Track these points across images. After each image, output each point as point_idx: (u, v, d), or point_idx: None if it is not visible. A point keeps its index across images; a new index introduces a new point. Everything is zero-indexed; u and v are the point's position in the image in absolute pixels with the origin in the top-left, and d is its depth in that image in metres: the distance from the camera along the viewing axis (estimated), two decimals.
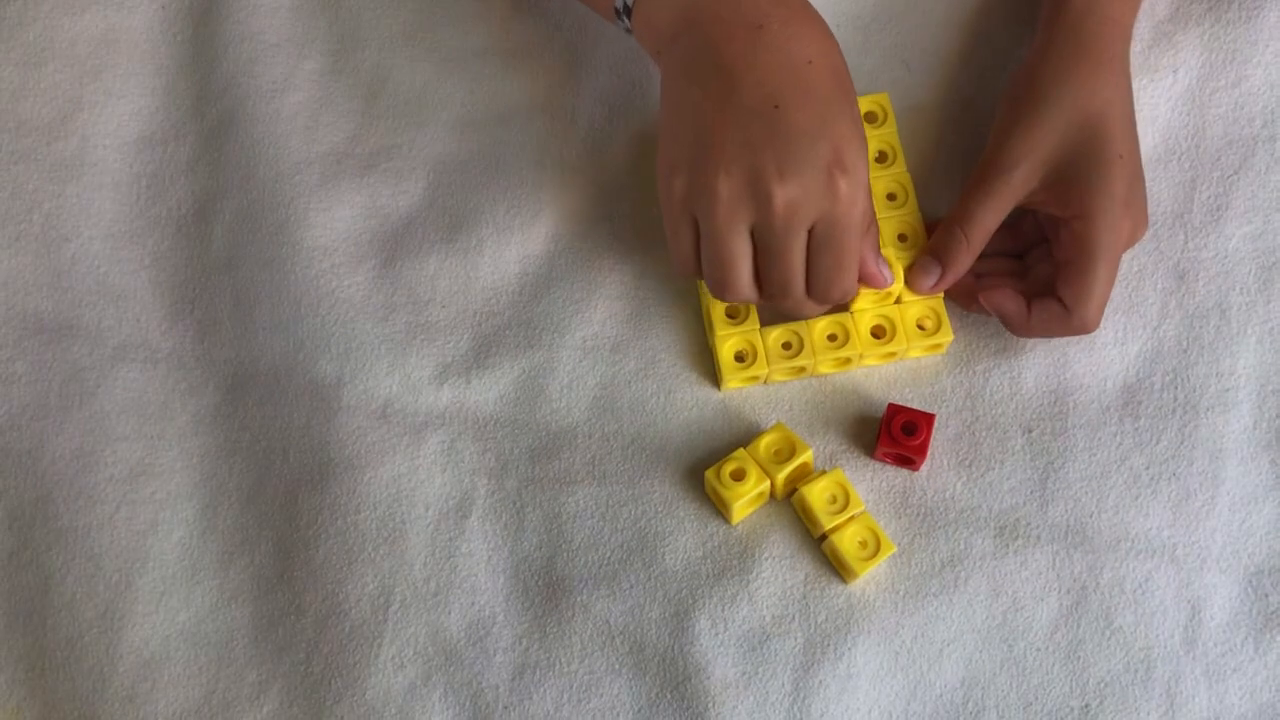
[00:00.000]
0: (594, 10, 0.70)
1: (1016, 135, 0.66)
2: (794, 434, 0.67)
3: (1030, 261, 0.70)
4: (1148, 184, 0.72)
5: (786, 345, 0.69)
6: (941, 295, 0.69)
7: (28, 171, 0.74)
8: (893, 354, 0.69)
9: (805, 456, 0.66)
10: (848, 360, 0.69)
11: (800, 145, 0.60)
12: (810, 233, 0.62)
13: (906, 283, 0.69)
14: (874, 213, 0.66)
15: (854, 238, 0.62)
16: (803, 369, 0.69)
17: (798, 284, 0.63)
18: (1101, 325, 0.70)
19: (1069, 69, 0.67)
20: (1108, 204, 0.65)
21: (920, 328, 0.69)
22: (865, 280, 0.67)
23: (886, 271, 0.67)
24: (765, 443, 0.67)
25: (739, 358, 0.69)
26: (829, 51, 0.63)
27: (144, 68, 0.77)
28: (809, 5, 0.64)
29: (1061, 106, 0.66)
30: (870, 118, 0.73)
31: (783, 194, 0.60)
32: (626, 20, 0.67)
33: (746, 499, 0.66)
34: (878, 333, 0.69)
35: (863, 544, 0.66)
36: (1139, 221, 0.67)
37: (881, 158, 0.72)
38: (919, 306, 0.69)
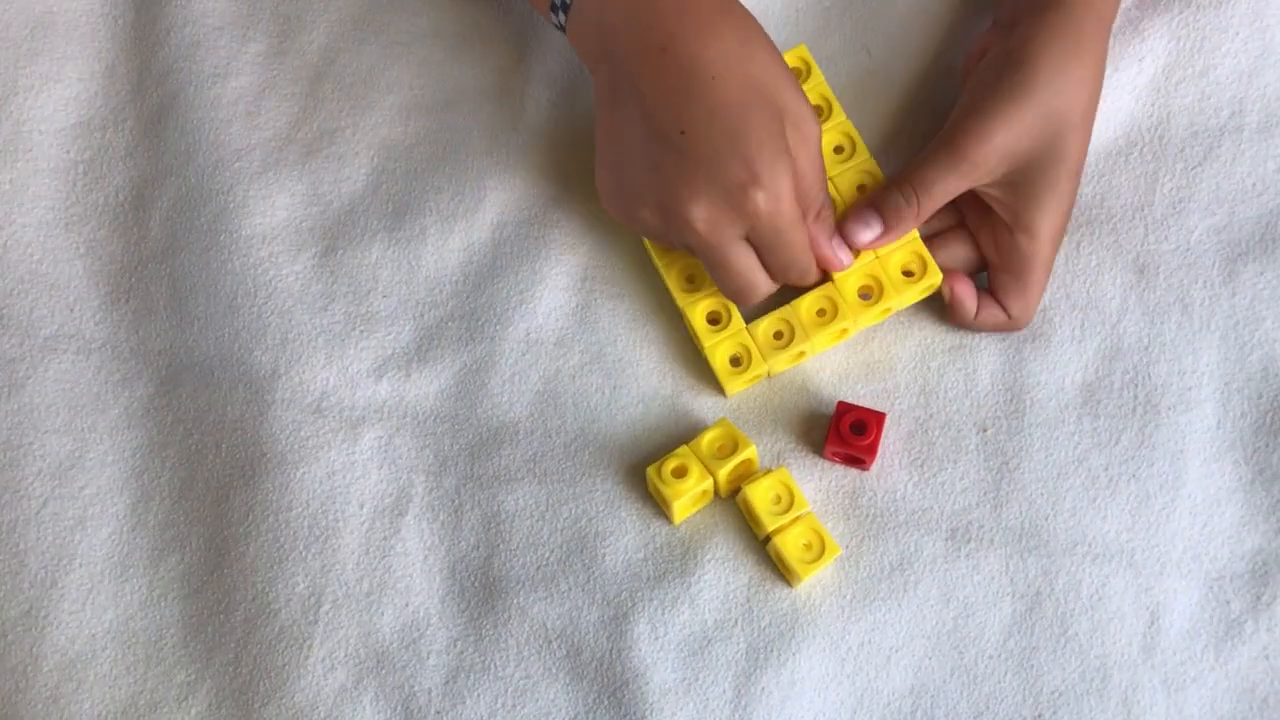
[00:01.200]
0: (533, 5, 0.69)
1: (998, 121, 0.63)
2: (738, 430, 0.65)
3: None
4: (1107, 177, 0.71)
5: (778, 335, 0.66)
6: (917, 235, 0.67)
7: None
8: (887, 309, 0.67)
9: (748, 453, 0.64)
10: (844, 330, 0.67)
11: (709, 168, 0.60)
12: (754, 243, 0.62)
13: (842, 232, 0.66)
14: (824, 196, 0.64)
15: (790, 235, 0.62)
16: (802, 353, 0.67)
17: (757, 282, 0.64)
18: (1059, 321, 0.68)
19: (1065, 63, 0.64)
20: (1054, 221, 0.65)
21: (907, 274, 0.67)
22: (821, 264, 0.65)
23: (843, 254, 0.66)
24: (708, 439, 0.65)
25: (734, 362, 0.66)
26: (740, 60, 0.61)
27: (83, 51, 0.75)
28: (721, 11, 0.62)
29: (1050, 101, 0.63)
30: (796, 75, 0.70)
31: (700, 217, 0.61)
32: (561, 19, 0.66)
33: (688, 497, 0.64)
34: (865, 293, 0.67)
35: (807, 546, 0.64)
36: (1066, 227, 0.67)
37: (816, 112, 0.69)
38: (900, 253, 0.67)
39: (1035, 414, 0.67)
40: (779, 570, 0.65)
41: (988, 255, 0.67)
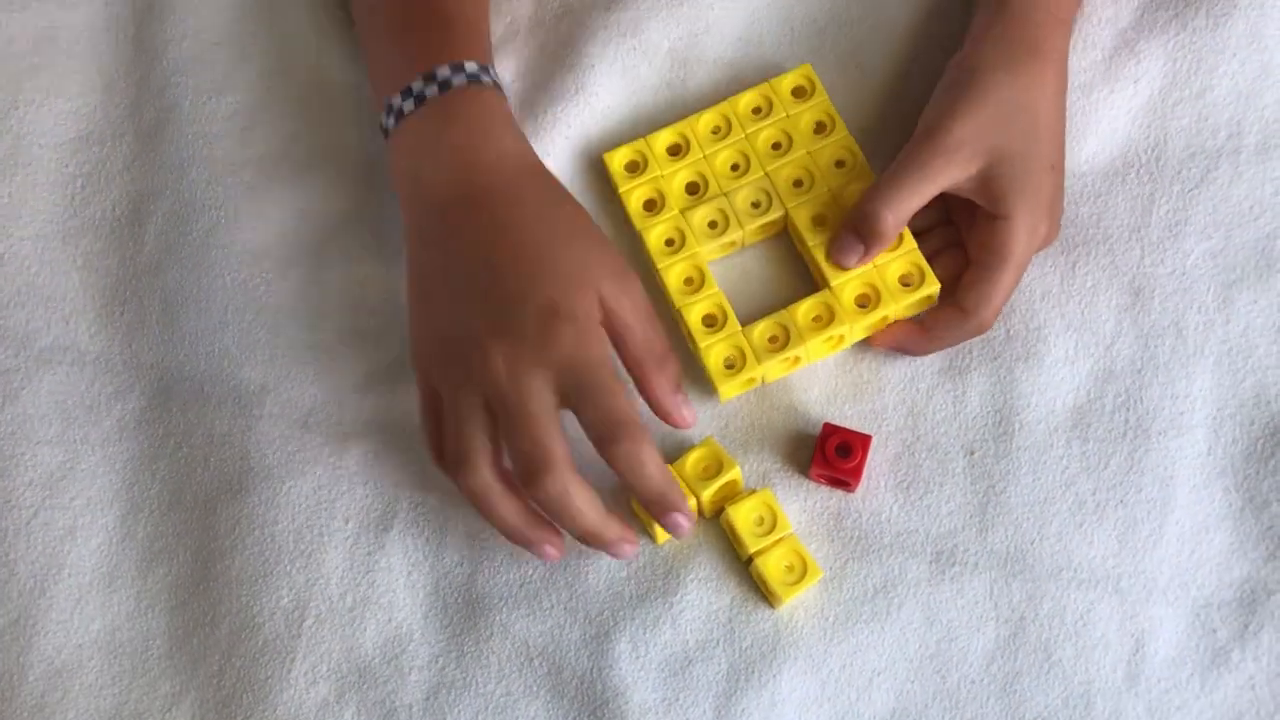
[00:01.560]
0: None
1: (960, 119, 0.64)
2: (723, 450, 0.65)
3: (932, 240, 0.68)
4: (1104, 198, 0.70)
5: (773, 339, 0.66)
6: (915, 245, 0.67)
7: None
8: (885, 317, 0.67)
9: (733, 474, 0.64)
10: (840, 338, 0.67)
11: (514, 304, 0.60)
12: (561, 393, 0.59)
13: (831, 259, 0.67)
14: (664, 346, 0.63)
15: (600, 376, 0.59)
16: (797, 359, 0.67)
17: (553, 452, 0.59)
18: (1053, 342, 0.67)
19: (1014, 60, 0.65)
20: (1033, 209, 0.64)
21: (904, 284, 0.66)
22: (661, 417, 0.63)
23: (687, 412, 0.63)
24: (693, 459, 0.65)
25: (729, 365, 0.66)
26: (550, 212, 0.63)
27: (85, 66, 0.76)
28: (531, 173, 0.64)
29: (1004, 97, 0.64)
30: (800, 92, 0.71)
31: (501, 353, 0.59)
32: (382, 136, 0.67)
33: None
34: (863, 302, 0.66)
35: (789, 568, 0.63)
36: (1054, 229, 0.66)
37: (820, 128, 0.70)
38: (898, 263, 0.66)
39: (1024, 437, 0.66)
40: (761, 591, 0.64)
41: (969, 249, 0.67)
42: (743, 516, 0.64)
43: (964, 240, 0.67)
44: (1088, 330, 0.68)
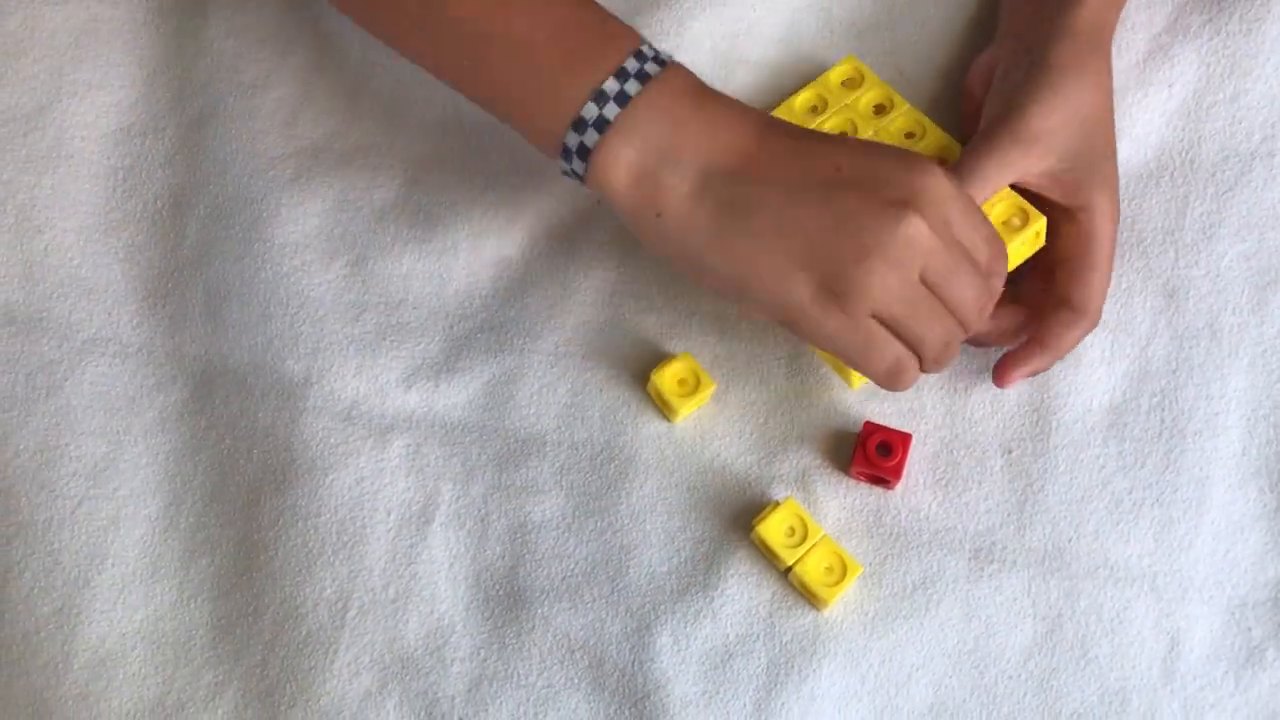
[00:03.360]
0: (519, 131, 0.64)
1: (1037, 112, 0.64)
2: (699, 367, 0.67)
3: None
4: (1138, 200, 0.71)
5: None
6: (1010, 189, 0.66)
7: (3, 162, 0.74)
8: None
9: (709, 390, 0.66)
10: None
11: (882, 177, 0.58)
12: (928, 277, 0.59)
13: None
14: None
15: (974, 213, 0.59)
16: None
17: (949, 324, 0.60)
18: (1089, 342, 0.68)
19: (1084, 64, 0.65)
20: (1108, 195, 0.65)
21: (1010, 226, 0.65)
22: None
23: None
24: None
25: None
26: (820, 134, 0.61)
27: (126, 59, 0.76)
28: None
29: (1075, 99, 0.65)
30: (850, 83, 0.71)
31: (915, 224, 0.57)
32: (573, 165, 0.61)
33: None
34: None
35: (829, 569, 0.64)
36: (1119, 220, 0.67)
37: (880, 109, 0.71)
38: (1001, 206, 0.66)
39: (1061, 436, 0.67)
40: (803, 595, 0.65)
41: (1054, 255, 0.67)
42: (773, 530, 0.64)
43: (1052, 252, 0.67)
44: (1123, 331, 0.69)
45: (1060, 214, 0.66)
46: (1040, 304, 0.67)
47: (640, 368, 0.69)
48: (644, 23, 0.73)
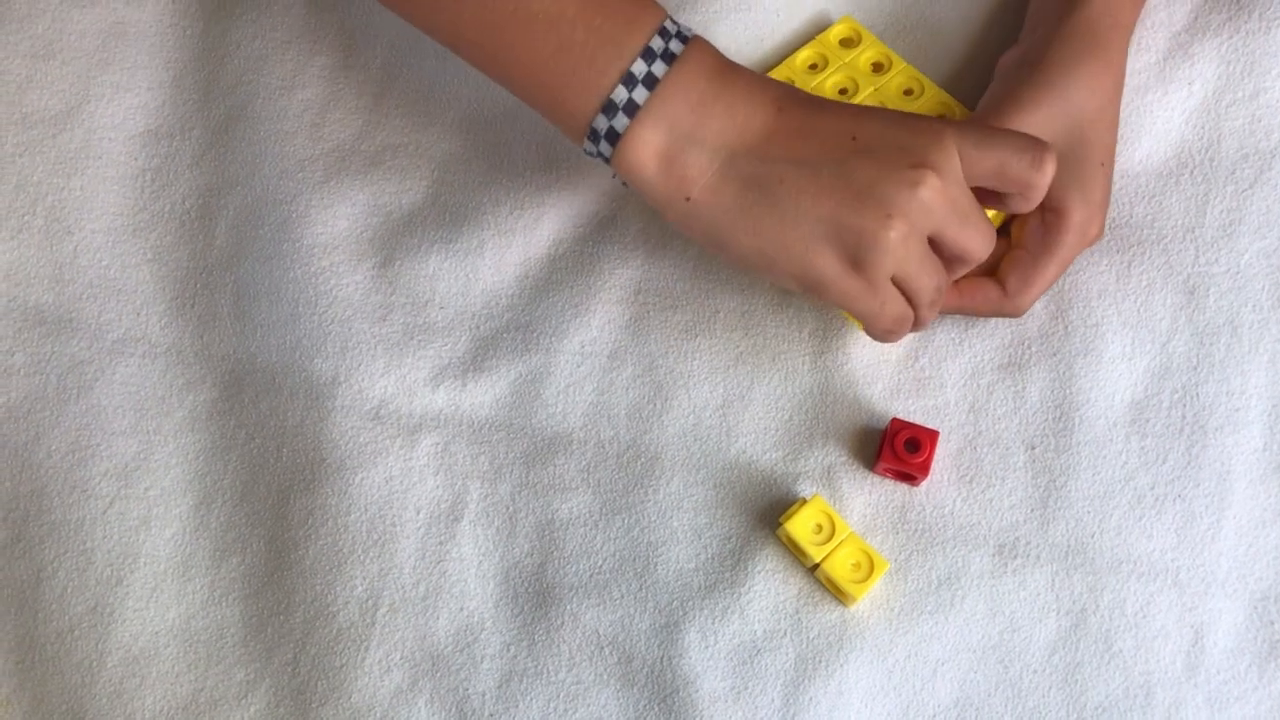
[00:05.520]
0: (544, 115, 0.64)
1: (1020, 112, 0.65)
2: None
3: None
4: (1158, 198, 0.71)
5: None
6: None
7: (33, 164, 0.75)
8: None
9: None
10: None
11: (894, 146, 0.59)
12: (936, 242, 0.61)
13: None
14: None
15: (971, 200, 0.60)
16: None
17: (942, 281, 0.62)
18: (1111, 338, 0.69)
19: (1079, 64, 0.66)
20: (1085, 205, 0.65)
21: (854, 568, 0.66)
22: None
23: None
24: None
25: None
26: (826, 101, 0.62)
27: (153, 61, 0.77)
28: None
29: (1066, 98, 0.65)
30: (848, 42, 0.73)
31: (926, 190, 0.58)
32: (599, 147, 0.61)
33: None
34: None
35: (856, 566, 0.64)
36: (1102, 228, 0.67)
37: (878, 67, 0.72)
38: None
39: (1083, 432, 0.68)
40: (831, 592, 0.66)
41: (1017, 234, 0.68)
42: (800, 527, 0.65)
43: (1013, 223, 0.69)
44: (1144, 327, 0.69)
45: (1035, 209, 0.66)
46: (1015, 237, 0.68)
47: (666, 365, 0.70)
48: None
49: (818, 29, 0.75)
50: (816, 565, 0.65)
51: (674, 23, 0.61)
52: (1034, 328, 0.69)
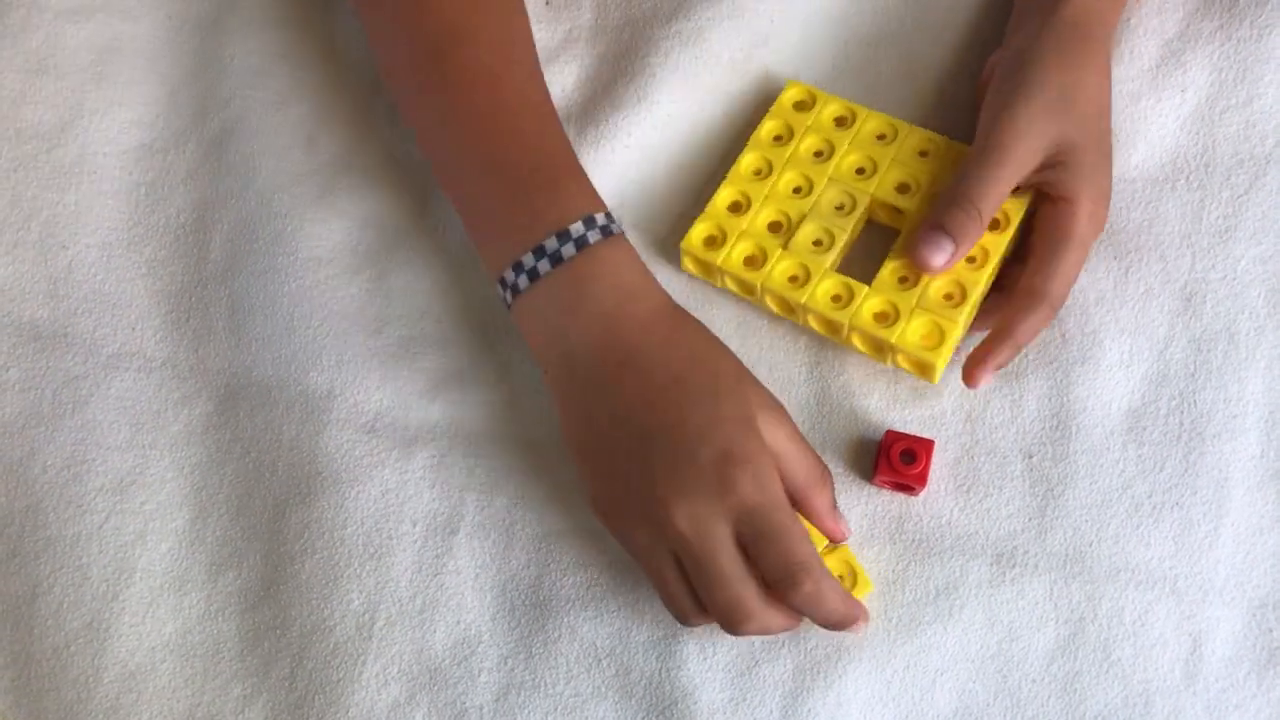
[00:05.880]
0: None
1: (1021, 106, 0.65)
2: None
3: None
4: (1154, 204, 0.71)
5: (948, 296, 0.67)
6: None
7: (27, 179, 0.75)
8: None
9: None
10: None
11: (688, 458, 0.60)
12: (739, 536, 0.60)
13: (916, 262, 0.67)
14: (821, 465, 0.64)
15: (782, 517, 0.60)
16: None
17: (749, 601, 0.60)
18: (1108, 345, 0.69)
19: (1065, 46, 0.66)
20: (1093, 191, 0.66)
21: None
22: (825, 534, 0.64)
23: (844, 526, 0.64)
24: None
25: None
26: (701, 360, 0.63)
27: (147, 77, 0.77)
28: (678, 324, 0.64)
29: (1059, 82, 0.65)
30: (802, 105, 0.73)
31: (684, 513, 0.59)
32: (506, 298, 0.66)
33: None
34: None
35: (839, 579, 0.64)
36: (1105, 219, 0.67)
37: (841, 121, 0.72)
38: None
39: (1081, 440, 0.68)
40: None
41: (1030, 240, 0.68)
42: None
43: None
44: (1141, 335, 0.69)
45: (1045, 203, 0.67)
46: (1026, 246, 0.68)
47: None
48: (662, 33, 0.74)
49: (807, 40, 0.75)
50: None
51: (606, 216, 0.64)
52: None
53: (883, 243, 0.70)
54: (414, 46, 0.68)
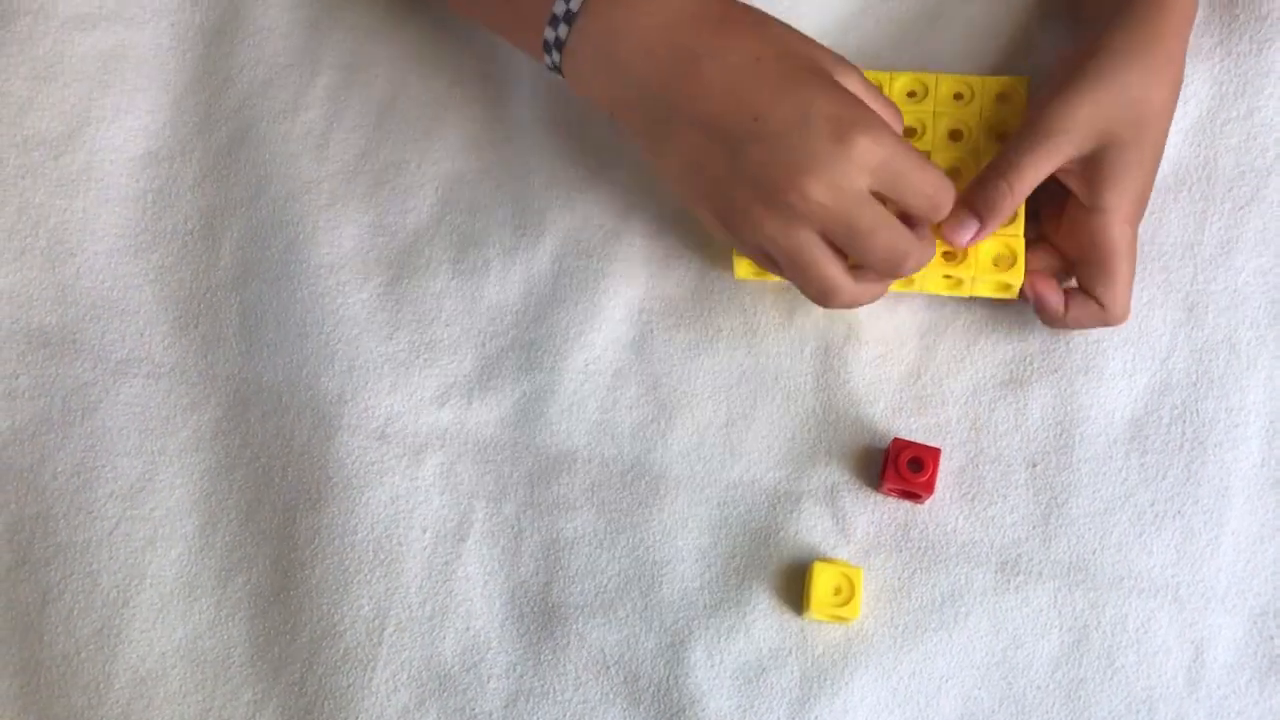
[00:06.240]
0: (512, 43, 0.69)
1: (1078, 97, 0.64)
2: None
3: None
4: (1157, 214, 0.72)
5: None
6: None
7: (34, 186, 0.75)
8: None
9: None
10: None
11: (802, 137, 0.59)
12: (873, 189, 0.60)
13: (946, 238, 0.66)
14: (889, 103, 0.64)
15: (907, 157, 0.60)
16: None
17: (897, 235, 0.60)
18: (1111, 354, 0.69)
19: (1136, 48, 0.65)
20: (1129, 204, 0.65)
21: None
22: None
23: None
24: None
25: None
26: (769, 39, 0.62)
27: (152, 84, 0.77)
28: (734, 10, 0.63)
29: (1122, 82, 0.64)
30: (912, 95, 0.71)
31: (818, 187, 0.59)
32: (555, 60, 0.65)
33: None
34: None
35: (837, 591, 0.65)
36: (1139, 215, 0.67)
37: (911, 95, 0.71)
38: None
39: (1084, 449, 0.68)
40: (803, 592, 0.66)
41: (1069, 253, 0.67)
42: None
43: (1055, 240, 0.68)
44: (1144, 344, 0.70)
45: (1080, 211, 0.66)
46: (1066, 251, 0.68)
47: (670, 384, 0.70)
48: None
49: (836, 21, 0.74)
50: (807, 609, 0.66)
51: None
52: (1035, 345, 0.70)
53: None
54: None
